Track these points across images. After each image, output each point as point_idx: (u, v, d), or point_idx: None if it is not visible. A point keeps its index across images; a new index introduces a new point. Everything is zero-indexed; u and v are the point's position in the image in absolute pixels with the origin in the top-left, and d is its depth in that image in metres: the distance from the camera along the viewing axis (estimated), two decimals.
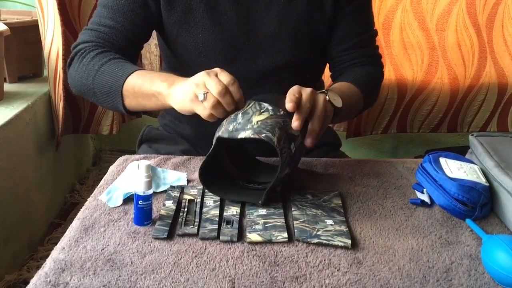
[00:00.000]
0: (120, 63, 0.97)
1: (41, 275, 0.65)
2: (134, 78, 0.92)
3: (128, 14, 1.01)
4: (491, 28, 1.80)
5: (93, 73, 0.97)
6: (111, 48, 1.01)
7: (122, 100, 0.94)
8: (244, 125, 0.77)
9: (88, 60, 0.98)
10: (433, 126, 1.96)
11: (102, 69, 0.96)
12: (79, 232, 0.74)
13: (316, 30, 1.08)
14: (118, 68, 0.95)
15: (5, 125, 1.40)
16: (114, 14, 1.01)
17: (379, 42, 1.81)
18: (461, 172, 0.84)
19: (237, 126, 0.78)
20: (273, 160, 0.95)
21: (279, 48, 1.06)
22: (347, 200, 0.85)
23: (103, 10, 1.03)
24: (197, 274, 0.66)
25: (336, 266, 0.69)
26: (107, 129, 1.83)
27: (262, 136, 0.75)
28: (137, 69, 0.95)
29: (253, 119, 0.78)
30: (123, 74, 0.94)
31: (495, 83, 1.88)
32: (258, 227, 0.75)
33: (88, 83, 0.98)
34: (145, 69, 1.01)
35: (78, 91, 1.03)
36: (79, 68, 1.00)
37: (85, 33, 1.04)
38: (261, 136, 0.75)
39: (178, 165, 0.95)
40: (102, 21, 1.02)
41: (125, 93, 0.93)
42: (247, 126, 0.77)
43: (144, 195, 0.75)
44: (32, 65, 1.76)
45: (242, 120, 0.78)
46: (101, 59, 0.97)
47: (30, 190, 1.59)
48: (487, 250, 0.70)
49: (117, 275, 0.65)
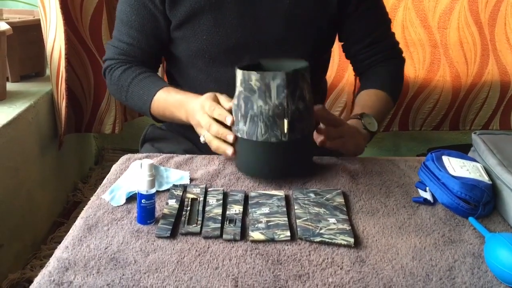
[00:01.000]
0: (143, 82, 1.08)
1: (45, 274, 0.65)
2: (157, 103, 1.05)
3: (140, 29, 1.08)
4: (493, 26, 1.80)
5: (124, 94, 1.10)
6: (133, 62, 1.11)
7: (154, 118, 1.10)
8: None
9: (115, 80, 1.11)
10: (435, 124, 1.96)
11: (130, 90, 1.09)
12: (83, 231, 0.74)
13: (320, 30, 1.09)
14: (143, 91, 1.07)
15: (8, 124, 1.41)
16: (129, 30, 1.09)
17: None
18: (464, 170, 0.84)
19: None
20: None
21: (284, 49, 1.06)
22: (349, 199, 0.85)
23: (120, 25, 1.10)
24: (200, 273, 0.66)
25: (339, 265, 0.69)
26: (109, 128, 1.84)
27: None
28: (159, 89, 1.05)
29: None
30: (148, 98, 1.06)
31: (497, 80, 1.88)
32: (260, 225, 0.76)
33: (123, 99, 1.13)
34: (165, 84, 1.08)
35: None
36: (111, 85, 1.14)
37: (109, 48, 1.14)
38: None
39: (180, 164, 0.95)
40: (121, 37, 1.10)
41: (154, 113, 1.08)
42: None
43: (147, 194, 0.75)
44: (35, 64, 1.76)
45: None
46: (126, 79, 1.09)
47: (32, 189, 1.59)
48: (490, 248, 0.70)
49: (121, 273, 0.65)
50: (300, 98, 0.84)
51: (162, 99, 1.04)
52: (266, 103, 0.83)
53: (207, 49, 1.05)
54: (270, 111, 0.83)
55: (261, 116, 0.84)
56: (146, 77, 1.09)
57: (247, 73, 0.83)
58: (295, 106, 0.84)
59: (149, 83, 1.08)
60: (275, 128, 0.84)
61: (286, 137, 0.84)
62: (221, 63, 1.07)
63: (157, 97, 1.05)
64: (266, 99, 0.83)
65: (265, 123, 0.84)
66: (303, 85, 0.85)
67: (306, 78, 0.85)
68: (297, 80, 0.84)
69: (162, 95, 1.04)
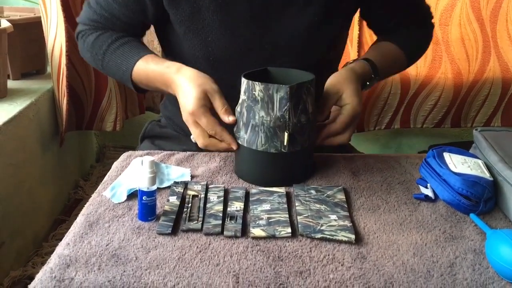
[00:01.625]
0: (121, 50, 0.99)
1: (46, 271, 0.65)
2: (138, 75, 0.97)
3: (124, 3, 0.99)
4: (495, 23, 1.80)
5: (100, 62, 1.02)
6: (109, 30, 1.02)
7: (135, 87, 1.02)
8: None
9: (89, 46, 1.03)
10: (436, 121, 1.96)
11: (106, 58, 1.00)
12: (84, 227, 0.75)
13: (336, 28, 1.03)
14: (121, 59, 0.98)
15: (9, 121, 1.41)
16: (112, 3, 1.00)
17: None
18: (465, 167, 0.84)
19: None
20: None
21: (296, 52, 1.00)
22: (350, 195, 0.85)
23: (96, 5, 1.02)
24: (201, 269, 0.66)
25: (340, 261, 0.69)
26: (110, 125, 1.84)
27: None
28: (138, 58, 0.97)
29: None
30: (127, 68, 0.97)
31: (499, 77, 1.87)
32: (261, 222, 0.76)
33: (99, 67, 1.05)
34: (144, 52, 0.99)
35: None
36: (85, 52, 1.05)
37: (86, 11, 1.04)
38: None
39: (181, 161, 0.95)
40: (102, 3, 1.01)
41: (137, 84, 1.01)
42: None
43: (148, 191, 0.75)
44: (35, 62, 1.76)
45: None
46: (101, 45, 1.01)
47: (34, 187, 1.60)
48: (492, 244, 0.70)
49: (122, 270, 0.66)
50: (302, 112, 0.84)
51: (141, 70, 0.97)
52: (268, 114, 0.83)
53: (211, 52, 0.98)
54: (271, 122, 0.83)
55: (262, 127, 0.84)
56: (124, 43, 1.00)
57: (251, 82, 0.83)
58: (297, 119, 0.83)
59: (127, 50, 0.99)
60: (275, 140, 0.84)
61: (286, 149, 0.85)
62: (226, 66, 0.99)
63: (136, 68, 0.97)
64: (269, 110, 0.83)
65: (266, 134, 0.84)
66: (306, 98, 0.84)
67: (310, 91, 0.85)
68: (301, 94, 0.83)
69: (141, 66, 0.96)
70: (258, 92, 0.82)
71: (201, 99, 0.85)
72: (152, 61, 0.95)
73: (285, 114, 0.82)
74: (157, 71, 0.94)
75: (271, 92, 0.81)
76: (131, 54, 0.98)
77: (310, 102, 0.85)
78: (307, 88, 0.84)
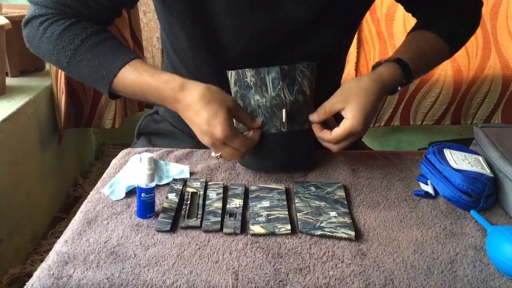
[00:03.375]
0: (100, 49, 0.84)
1: (44, 268, 0.65)
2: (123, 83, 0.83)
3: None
4: (495, 19, 1.79)
5: (66, 58, 0.85)
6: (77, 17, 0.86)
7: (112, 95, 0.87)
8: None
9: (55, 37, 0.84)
10: (436, 118, 1.96)
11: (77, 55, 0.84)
12: (82, 225, 0.74)
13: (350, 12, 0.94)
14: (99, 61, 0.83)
15: (7, 119, 1.40)
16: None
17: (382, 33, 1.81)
18: (465, 163, 0.84)
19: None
20: None
21: (306, 38, 0.91)
22: (350, 192, 0.85)
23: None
24: (200, 266, 0.66)
25: (340, 258, 0.68)
26: (109, 123, 1.83)
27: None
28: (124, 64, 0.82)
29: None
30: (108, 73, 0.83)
31: (499, 74, 1.87)
32: (261, 219, 0.75)
33: (61, 64, 0.87)
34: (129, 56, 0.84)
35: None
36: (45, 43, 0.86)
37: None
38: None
39: (180, 158, 0.95)
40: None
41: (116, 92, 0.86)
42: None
43: (146, 188, 0.74)
44: (34, 59, 1.75)
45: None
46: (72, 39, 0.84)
47: (33, 184, 1.59)
48: (492, 241, 0.69)
49: (121, 267, 0.65)
50: (299, 92, 0.84)
51: (130, 81, 0.82)
52: (262, 96, 0.83)
53: (215, 40, 0.89)
54: (267, 102, 0.83)
55: (259, 110, 0.84)
56: (102, 40, 0.84)
57: (241, 71, 0.83)
58: (294, 98, 0.84)
59: (107, 51, 0.84)
60: (274, 119, 0.84)
61: (285, 127, 0.84)
62: (229, 56, 0.91)
63: (123, 75, 0.82)
64: (263, 92, 0.83)
65: (264, 115, 0.84)
66: (302, 81, 0.84)
67: (306, 74, 0.85)
68: (294, 75, 0.83)
69: (130, 75, 0.82)
70: (250, 78, 0.83)
71: (229, 120, 0.78)
72: (144, 72, 0.82)
73: (280, 92, 0.83)
74: (153, 85, 0.82)
75: (263, 75, 0.82)
76: (114, 57, 0.84)
77: (307, 85, 0.85)
78: (301, 71, 0.84)
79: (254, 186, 0.85)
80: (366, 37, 1.81)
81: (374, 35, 1.81)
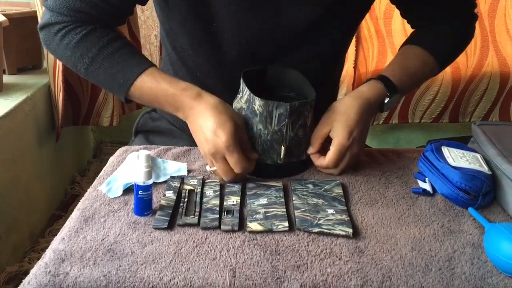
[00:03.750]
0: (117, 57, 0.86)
1: (41, 266, 0.65)
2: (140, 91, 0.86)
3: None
4: (493, 17, 1.79)
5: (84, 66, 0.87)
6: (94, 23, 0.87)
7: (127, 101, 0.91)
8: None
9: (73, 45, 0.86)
10: (434, 116, 1.96)
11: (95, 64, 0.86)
12: (79, 222, 0.74)
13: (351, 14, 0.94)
14: (116, 69, 0.85)
15: (5, 116, 1.40)
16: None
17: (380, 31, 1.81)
18: (463, 161, 0.84)
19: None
20: None
21: (309, 40, 0.91)
22: (348, 190, 0.85)
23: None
24: (198, 264, 0.65)
25: (338, 255, 0.68)
26: (107, 120, 1.83)
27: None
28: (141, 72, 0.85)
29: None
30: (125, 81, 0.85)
31: (497, 72, 1.87)
32: (258, 216, 0.75)
33: (79, 70, 0.89)
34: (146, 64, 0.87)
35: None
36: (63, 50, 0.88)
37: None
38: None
39: (178, 156, 0.95)
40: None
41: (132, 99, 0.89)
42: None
43: (144, 185, 0.74)
44: (32, 57, 1.75)
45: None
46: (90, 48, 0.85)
47: (30, 182, 1.59)
48: (490, 238, 0.69)
49: (117, 265, 0.65)
50: (301, 126, 0.84)
51: (147, 88, 0.85)
52: (266, 128, 0.82)
53: (215, 40, 0.89)
54: (268, 136, 0.83)
55: (260, 139, 0.84)
56: (118, 49, 0.86)
57: (252, 96, 0.82)
58: (294, 133, 0.83)
59: (124, 59, 0.86)
60: (271, 152, 0.84)
61: (282, 161, 0.85)
62: (230, 57, 0.91)
63: (140, 83, 0.85)
64: (267, 124, 0.82)
65: (262, 146, 0.84)
66: (307, 114, 0.84)
67: (312, 106, 0.84)
68: (303, 110, 0.82)
69: (147, 83, 0.85)
70: (258, 107, 0.81)
71: (234, 134, 0.79)
72: (162, 80, 0.85)
73: (283, 128, 0.82)
74: (170, 92, 0.84)
75: (271, 108, 0.81)
76: (131, 65, 0.86)
77: (310, 117, 0.85)
78: (310, 105, 0.83)
79: (251, 183, 0.85)
80: (364, 35, 1.81)
81: (372, 33, 1.81)
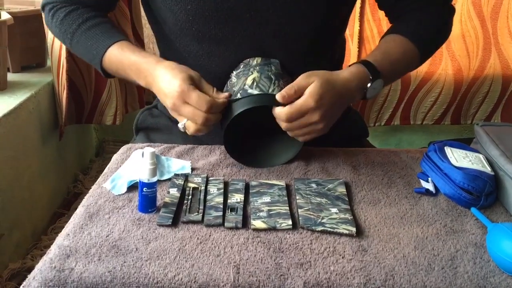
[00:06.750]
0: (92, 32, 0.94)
1: (46, 261, 0.65)
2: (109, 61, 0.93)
3: None
4: (496, 19, 1.80)
5: (68, 41, 0.98)
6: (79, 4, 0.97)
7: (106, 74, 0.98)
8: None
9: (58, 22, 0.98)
10: (436, 117, 1.96)
11: (75, 38, 0.96)
12: (84, 219, 0.74)
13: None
14: (91, 42, 0.94)
15: (8, 114, 1.41)
16: None
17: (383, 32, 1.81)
18: (466, 161, 0.84)
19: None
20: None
21: (289, 18, 0.89)
22: (351, 189, 0.85)
23: None
24: (202, 260, 0.66)
25: (341, 254, 0.68)
26: (110, 119, 1.83)
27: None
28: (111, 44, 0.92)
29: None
30: (97, 52, 0.93)
31: (499, 74, 1.87)
32: (262, 214, 0.75)
33: (67, 45, 1.00)
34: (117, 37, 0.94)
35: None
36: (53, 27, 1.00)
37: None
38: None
39: (182, 154, 0.95)
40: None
41: (107, 70, 0.96)
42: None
43: (148, 182, 0.74)
44: (36, 55, 1.76)
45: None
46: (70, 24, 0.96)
47: (33, 180, 1.59)
48: (493, 238, 0.70)
49: (122, 261, 0.65)
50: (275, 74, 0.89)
51: (114, 57, 0.92)
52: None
53: (193, 21, 0.90)
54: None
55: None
56: (95, 25, 0.95)
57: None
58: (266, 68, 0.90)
59: (99, 33, 0.94)
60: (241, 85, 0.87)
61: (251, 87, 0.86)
62: (211, 38, 0.91)
63: (109, 53, 0.92)
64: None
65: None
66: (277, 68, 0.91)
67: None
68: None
69: (114, 52, 0.92)
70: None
71: (188, 79, 0.82)
72: (127, 49, 0.91)
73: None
74: (132, 60, 0.90)
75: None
76: (103, 38, 0.93)
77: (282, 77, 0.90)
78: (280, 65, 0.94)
79: (254, 181, 0.85)
80: (367, 36, 1.82)
81: (375, 34, 1.81)
